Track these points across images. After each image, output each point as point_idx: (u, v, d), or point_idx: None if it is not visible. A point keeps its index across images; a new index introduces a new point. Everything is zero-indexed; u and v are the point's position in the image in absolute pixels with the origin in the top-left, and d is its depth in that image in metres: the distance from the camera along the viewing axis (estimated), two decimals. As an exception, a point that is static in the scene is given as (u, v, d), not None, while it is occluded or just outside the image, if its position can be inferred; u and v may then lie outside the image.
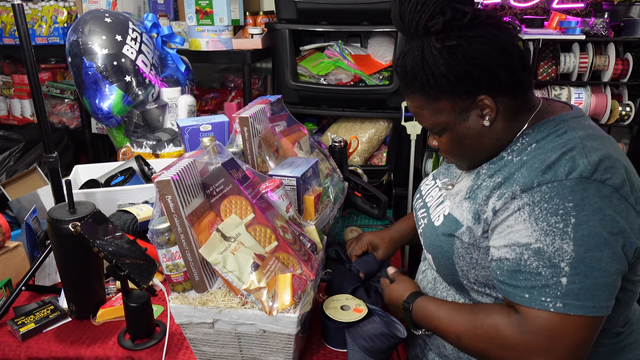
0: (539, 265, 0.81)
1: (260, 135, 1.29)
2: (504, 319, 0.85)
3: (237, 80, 2.98)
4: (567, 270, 0.79)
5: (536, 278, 0.81)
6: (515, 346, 0.83)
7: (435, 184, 1.12)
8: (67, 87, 2.98)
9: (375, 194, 1.70)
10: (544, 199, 0.81)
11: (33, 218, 1.45)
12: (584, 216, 0.79)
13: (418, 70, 0.88)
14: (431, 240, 1.02)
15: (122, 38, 1.93)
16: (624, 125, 2.55)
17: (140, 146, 2.01)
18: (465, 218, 0.93)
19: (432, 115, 0.92)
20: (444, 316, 0.94)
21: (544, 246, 0.81)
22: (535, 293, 0.81)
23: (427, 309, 0.99)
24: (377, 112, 2.47)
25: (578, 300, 0.79)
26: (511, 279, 0.84)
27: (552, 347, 0.80)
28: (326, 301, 1.13)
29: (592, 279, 0.79)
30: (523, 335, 0.82)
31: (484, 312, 0.89)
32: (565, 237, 0.79)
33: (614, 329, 0.92)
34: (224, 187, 1.00)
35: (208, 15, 2.44)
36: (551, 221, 0.80)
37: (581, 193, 0.80)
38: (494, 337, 0.85)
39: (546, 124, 0.90)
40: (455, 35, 0.84)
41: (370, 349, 1.01)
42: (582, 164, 0.81)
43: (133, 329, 1.14)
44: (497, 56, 0.85)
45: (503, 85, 0.87)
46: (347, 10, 2.29)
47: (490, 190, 0.90)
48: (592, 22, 2.41)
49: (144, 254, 1.16)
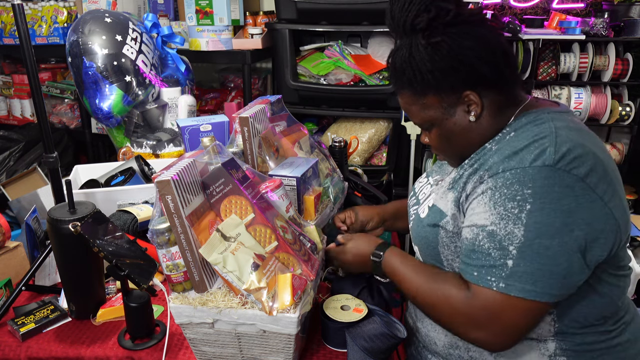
0: (490, 246, 0.85)
1: (260, 135, 1.29)
2: (456, 291, 0.90)
3: (237, 80, 2.98)
4: (514, 254, 0.83)
5: (486, 258, 0.86)
6: (460, 317, 0.89)
7: (427, 182, 1.15)
8: (67, 87, 2.98)
9: (375, 194, 1.70)
10: (505, 185, 0.85)
11: (33, 218, 1.45)
12: (540, 204, 0.82)
13: (406, 67, 0.92)
14: (417, 232, 1.05)
15: (122, 38, 1.93)
16: (624, 125, 2.55)
17: (140, 146, 2.01)
18: (449, 208, 0.97)
19: (421, 111, 0.96)
20: (408, 272, 1.00)
21: (497, 229, 0.84)
22: (483, 272, 0.86)
23: (393, 262, 1.04)
24: (377, 112, 2.47)
25: (520, 282, 0.82)
26: (466, 257, 0.90)
27: (491, 324, 0.85)
28: (326, 301, 1.13)
29: (537, 265, 0.82)
30: (468, 309, 0.87)
31: (442, 280, 0.94)
32: (518, 223, 0.83)
33: (602, 327, 0.93)
34: (224, 187, 1.00)
35: (208, 15, 2.44)
36: (508, 206, 0.84)
37: (542, 181, 0.82)
38: (445, 304, 0.91)
39: (527, 115, 0.93)
40: (440, 33, 0.88)
41: (370, 349, 1.01)
42: (548, 152, 0.83)
43: (133, 329, 1.14)
44: (481, 52, 0.88)
45: (487, 80, 0.90)
46: (347, 10, 2.29)
47: (467, 177, 0.94)
48: (592, 22, 2.41)
49: (144, 254, 1.16)
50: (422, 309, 1.00)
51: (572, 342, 0.92)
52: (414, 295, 0.98)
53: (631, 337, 0.96)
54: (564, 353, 0.92)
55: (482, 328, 0.86)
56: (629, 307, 1.00)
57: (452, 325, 0.92)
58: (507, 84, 0.93)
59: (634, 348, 0.97)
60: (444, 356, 1.04)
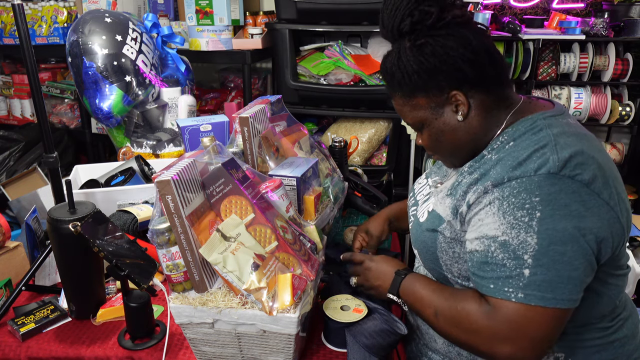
0: (504, 257, 0.84)
1: (260, 135, 1.29)
2: (475, 306, 0.88)
3: (237, 80, 2.98)
4: (529, 263, 0.82)
5: (501, 269, 0.85)
6: (482, 332, 0.86)
7: (426, 182, 1.15)
8: (67, 87, 2.98)
9: (375, 194, 1.70)
10: (512, 194, 0.85)
11: (33, 218, 1.45)
12: (550, 210, 0.82)
13: (395, 69, 0.95)
14: (416, 236, 1.06)
15: (122, 38, 1.93)
16: (624, 125, 2.55)
17: (140, 146, 2.01)
18: (447, 214, 0.97)
19: (411, 112, 0.98)
20: (428, 293, 0.98)
21: (509, 239, 0.84)
22: (499, 284, 0.85)
23: (415, 283, 1.02)
24: (377, 112, 2.47)
25: (539, 291, 0.82)
26: (480, 270, 0.88)
27: (515, 337, 0.83)
28: (326, 301, 1.13)
29: (554, 272, 0.81)
30: (490, 322, 0.85)
31: (462, 296, 0.93)
32: (530, 231, 0.82)
33: (600, 324, 0.94)
34: (224, 187, 1.00)
35: (208, 15, 2.44)
36: (517, 215, 0.83)
37: (548, 188, 0.82)
38: (465, 320, 0.89)
39: (523, 122, 0.93)
40: (424, 35, 0.91)
41: (370, 346, 1.01)
42: (551, 160, 0.84)
43: (133, 329, 1.14)
44: (463, 52, 0.90)
45: (471, 80, 0.91)
46: (347, 10, 2.29)
47: (467, 186, 0.93)
48: (592, 22, 2.41)
49: (144, 254, 1.16)
50: (442, 327, 0.95)
51: (570, 339, 0.93)
52: (434, 314, 0.95)
53: (628, 333, 0.97)
54: (561, 350, 0.93)
55: (506, 342, 0.84)
56: (627, 303, 1.00)
57: (476, 342, 0.88)
58: (494, 83, 0.94)
59: (632, 343, 0.98)
60: (444, 353, 1.05)
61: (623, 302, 0.99)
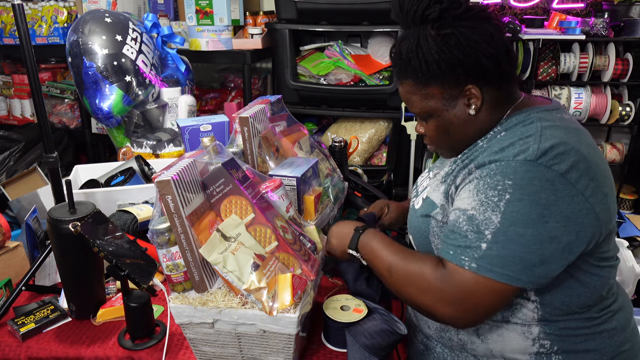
0: (468, 229, 0.89)
1: (260, 135, 1.29)
2: (431, 268, 0.92)
3: (237, 80, 2.98)
4: (488, 238, 0.87)
5: (463, 239, 0.89)
6: (432, 291, 0.91)
7: (427, 175, 1.17)
8: (67, 87, 2.98)
9: (375, 194, 1.70)
10: (488, 175, 0.89)
11: (33, 218, 1.45)
12: (519, 194, 0.85)
13: (412, 56, 0.93)
14: (411, 222, 1.09)
15: (122, 38, 1.93)
16: (624, 125, 2.55)
17: (140, 146, 2.01)
18: (440, 199, 1.00)
19: (422, 101, 0.98)
20: (384, 249, 1.01)
21: (476, 214, 0.88)
22: (458, 252, 0.90)
23: (373, 239, 1.05)
24: (377, 112, 2.47)
25: (490, 265, 0.86)
26: (445, 237, 0.94)
27: (460, 301, 0.89)
28: (326, 301, 1.13)
29: (508, 250, 0.85)
30: (441, 284, 0.90)
31: (419, 257, 0.96)
32: (496, 210, 0.86)
33: (586, 314, 0.95)
34: (224, 187, 1.00)
35: (208, 15, 2.44)
36: (489, 194, 0.88)
37: (522, 174, 0.85)
38: (418, 279, 0.93)
39: (518, 115, 0.96)
40: (450, 25, 0.90)
41: (370, 346, 1.01)
42: (531, 149, 0.87)
43: (133, 329, 1.14)
44: (486, 47, 0.90)
45: (489, 75, 0.92)
46: (347, 10, 2.29)
47: (458, 171, 0.97)
48: (592, 22, 2.41)
49: (144, 254, 1.16)
50: (393, 284, 0.99)
51: (556, 327, 0.95)
52: (387, 269, 0.98)
53: (618, 325, 0.98)
54: (547, 337, 0.95)
55: (452, 304, 0.89)
56: (618, 296, 1.01)
57: (423, 300, 0.92)
58: (507, 80, 0.96)
59: (620, 336, 0.98)
60: (436, 339, 1.07)
61: (613, 294, 1.00)
